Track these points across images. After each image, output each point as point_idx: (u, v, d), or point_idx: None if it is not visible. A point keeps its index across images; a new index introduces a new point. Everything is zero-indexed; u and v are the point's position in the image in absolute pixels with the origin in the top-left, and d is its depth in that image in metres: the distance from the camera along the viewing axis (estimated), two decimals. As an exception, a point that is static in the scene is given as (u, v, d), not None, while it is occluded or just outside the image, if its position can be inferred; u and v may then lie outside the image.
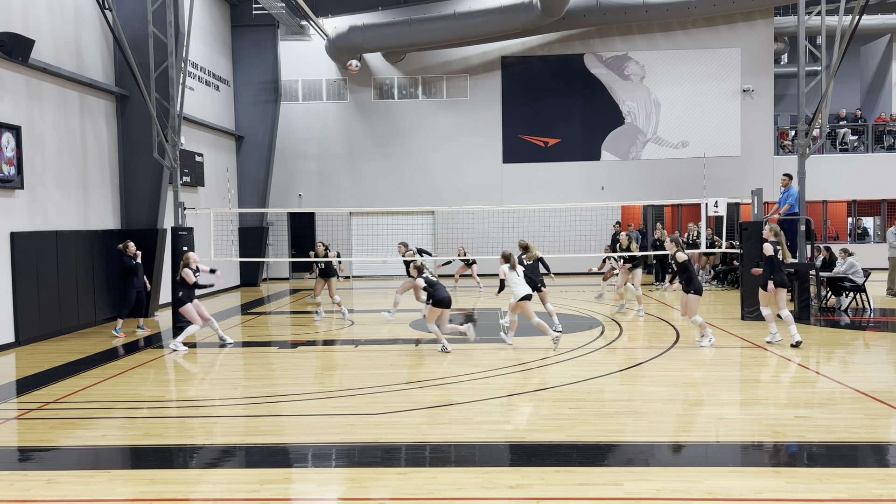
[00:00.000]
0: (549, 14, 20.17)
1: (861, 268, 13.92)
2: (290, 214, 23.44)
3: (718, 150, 22.78)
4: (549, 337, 10.20)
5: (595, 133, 23.33)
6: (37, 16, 12.35)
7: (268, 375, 9.20)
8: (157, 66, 13.80)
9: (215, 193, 19.68)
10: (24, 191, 11.79)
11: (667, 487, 5.02)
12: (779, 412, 6.92)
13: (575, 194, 22.31)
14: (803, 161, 13.27)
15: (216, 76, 20.34)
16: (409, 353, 10.35)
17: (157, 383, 8.83)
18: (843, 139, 23.44)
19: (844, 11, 13.03)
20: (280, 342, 11.60)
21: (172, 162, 13.67)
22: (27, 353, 10.93)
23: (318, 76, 23.64)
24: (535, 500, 4.87)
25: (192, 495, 5.12)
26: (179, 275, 11.23)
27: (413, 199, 22.52)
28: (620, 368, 9.01)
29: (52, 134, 12.69)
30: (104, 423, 7.04)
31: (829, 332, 11.65)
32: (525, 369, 9.04)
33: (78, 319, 13.10)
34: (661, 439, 6.17)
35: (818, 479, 5.11)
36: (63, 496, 5.15)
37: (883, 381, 8.02)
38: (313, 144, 23.68)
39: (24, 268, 11.63)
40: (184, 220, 13.73)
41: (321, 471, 5.61)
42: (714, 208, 13.84)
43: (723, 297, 16.79)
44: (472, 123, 23.39)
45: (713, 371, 8.79)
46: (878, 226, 23.43)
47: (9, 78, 11.54)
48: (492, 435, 6.33)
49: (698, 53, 22.98)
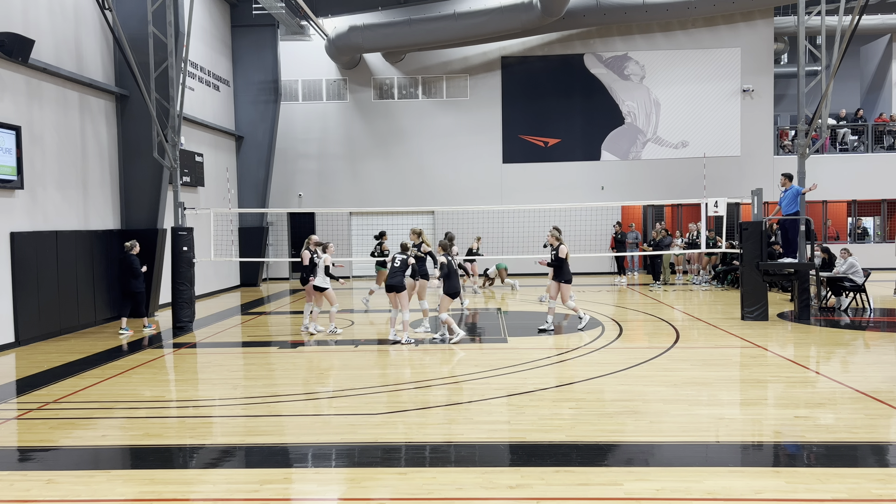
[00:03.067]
0: (549, 14, 20.17)
1: (861, 268, 13.91)
2: (290, 214, 23.44)
3: (718, 150, 22.78)
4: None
5: (595, 133, 23.33)
6: (37, 16, 12.35)
7: (268, 375, 9.20)
8: (157, 66, 13.80)
9: (215, 193, 19.68)
10: (24, 191, 11.79)
11: (667, 487, 5.02)
12: (779, 412, 6.92)
13: (575, 194, 22.32)
14: (803, 161, 13.27)
15: (216, 76, 20.34)
16: (410, 352, 10.35)
17: (157, 383, 8.83)
18: (842, 139, 23.44)
19: (844, 11, 13.03)
20: (280, 342, 11.60)
21: (172, 162, 13.66)
22: (27, 353, 10.93)
23: (318, 76, 23.64)
24: (535, 500, 4.87)
25: (192, 495, 5.12)
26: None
27: (413, 199, 22.53)
28: (620, 368, 9.00)
29: (52, 134, 12.69)
30: (104, 423, 7.04)
31: (829, 332, 11.64)
32: (525, 369, 9.03)
33: (78, 319, 13.10)
34: (661, 439, 6.17)
35: (818, 479, 5.11)
36: (63, 496, 5.14)
37: (883, 381, 8.02)
38: (313, 144, 23.68)
39: (24, 268, 11.63)
40: (184, 220, 13.73)
41: (321, 471, 5.61)
42: (714, 208, 13.84)
43: (723, 296, 16.79)
44: (472, 123, 23.40)
45: (713, 371, 8.79)
46: (878, 226, 23.43)
47: (9, 78, 11.54)
48: (492, 435, 6.33)
49: (698, 53, 22.98)
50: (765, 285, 12.91)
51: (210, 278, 19.08)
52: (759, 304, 12.79)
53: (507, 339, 11.27)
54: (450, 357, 10.02)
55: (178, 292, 13.31)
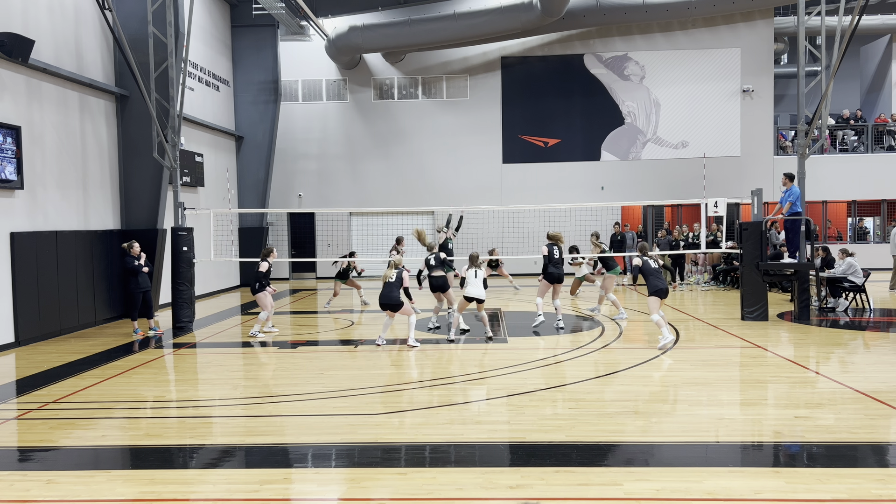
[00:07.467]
0: (549, 14, 20.17)
1: (861, 268, 13.91)
2: (290, 214, 23.44)
3: (718, 151, 22.78)
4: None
5: (595, 133, 23.33)
6: (37, 16, 12.35)
7: (268, 375, 9.20)
8: (157, 67, 13.80)
9: (215, 193, 19.68)
10: (24, 191, 11.79)
11: (667, 487, 5.02)
12: (779, 412, 6.92)
13: (575, 194, 22.32)
14: (803, 161, 13.27)
15: (216, 76, 20.34)
16: (410, 352, 10.35)
17: (158, 383, 8.83)
18: (842, 139, 23.44)
19: (844, 11, 13.03)
20: (280, 342, 11.60)
21: (172, 162, 13.66)
22: (27, 354, 10.93)
23: (317, 76, 23.64)
24: (534, 500, 4.87)
25: (192, 495, 5.12)
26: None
27: (413, 199, 22.52)
28: (620, 368, 9.01)
29: (52, 134, 12.69)
30: (104, 423, 7.04)
31: (829, 332, 11.64)
32: (525, 369, 9.03)
33: (78, 319, 13.10)
34: (661, 439, 6.17)
35: (818, 479, 5.10)
36: (63, 496, 5.14)
37: (883, 381, 8.01)
38: (313, 144, 23.68)
39: (24, 268, 11.63)
40: (184, 220, 13.72)
41: (321, 471, 5.61)
42: (714, 208, 13.83)
43: (723, 296, 16.79)
44: (472, 123, 23.40)
45: (713, 371, 8.79)
46: (878, 226, 23.43)
47: (9, 78, 11.54)
48: (492, 435, 6.33)
49: (698, 54, 22.98)
50: (765, 285, 12.91)
51: (210, 278, 19.08)
52: (759, 305, 12.78)
53: (507, 340, 11.28)
54: (450, 357, 10.02)
55: (178, 292, 13.31)
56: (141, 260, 12.37)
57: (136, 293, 12.32)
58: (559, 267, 12.07)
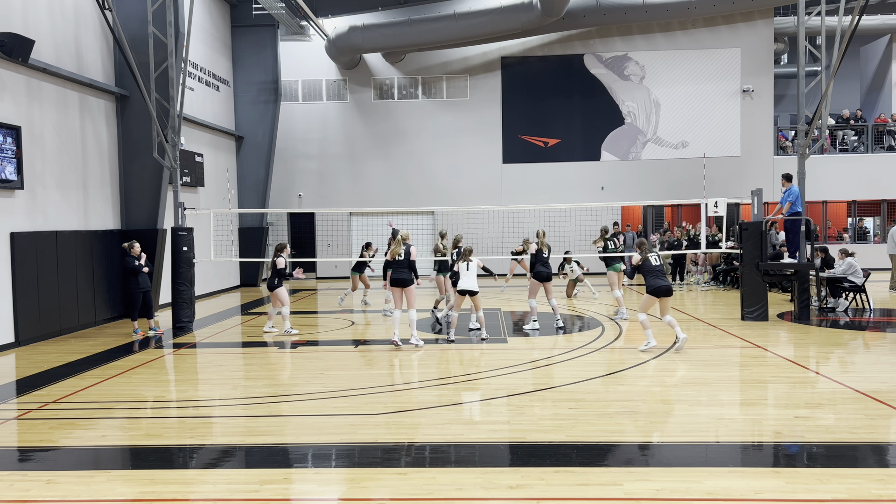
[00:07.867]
0: (549, 14, 20.17)
1: (861, 268, 13.90)
2: (290, 214, 23.44)
3: (718, 151, 22.79)
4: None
5: (595, 133, 23.34)
6: (37, 16, 12.35)
7: (268, 375, 9.20)
8: (157, 67, 13.80)
9: (215, 193, 19.67)
10: (24, 191, 11.79)
11: (667, 487, 5.02)
12: (779, 412, 6.92)
13: (575, 194, 22.32)
14: (803, 161, 13.27)
15: (216, 76, 20.34)
16: (410, 352, 10.36)
17: (157, 383, 8.83)
18: (842, 139, 23.44)
19: (844, 11, 13.03)
20: (280, 342, 11.60)
21: (172, 162, 13.66)
22: (27, 354, 10.93)
23: (318, 76, 23.64)
24: (535, 500, 4.87)
25: (192, 495, 5.11)
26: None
27: (413, 199, 22.52)
28: (620, 368, 9.01)
29: (52, 134, 12.69)
30: (104, 424, 7.04)
31: (829, 332, 11.64)
32: (525, 369, 9.03)
33: (78, 320, 13.10)
34: (661, 439, 6.17)
35: (818, 480, 5.10)
36: (63, 496, 5.14)
37: (883, 381, 8.01)
38: (313, 144, 23.69)
39: (24, 268, 11.63)
40: (184, 220, 13.72)
41: (321, 471, 5.61)
42: (714, 208, 13.83)
43: (723, 296, 16.79)
44: (472, 124, 23.40)
45: (713, 371, 8.79)
46: (878, 226, 23.44)
47: (9, 78, 11.54)
48: (492, 435, 6.32)
49: (698, 54, 22.98)
50: (765, 285, 12.91)
51: (210, 278, 19.08)
52: (759, 305, 12.78)
53: (506, 340, 11.28)
54: (450, 357, 10.02)
55: (178, 292, 13.31)
56: (141, 260, 12.32)
57: (137, 293, 12.27)
58: (547, 265, 12.24)
